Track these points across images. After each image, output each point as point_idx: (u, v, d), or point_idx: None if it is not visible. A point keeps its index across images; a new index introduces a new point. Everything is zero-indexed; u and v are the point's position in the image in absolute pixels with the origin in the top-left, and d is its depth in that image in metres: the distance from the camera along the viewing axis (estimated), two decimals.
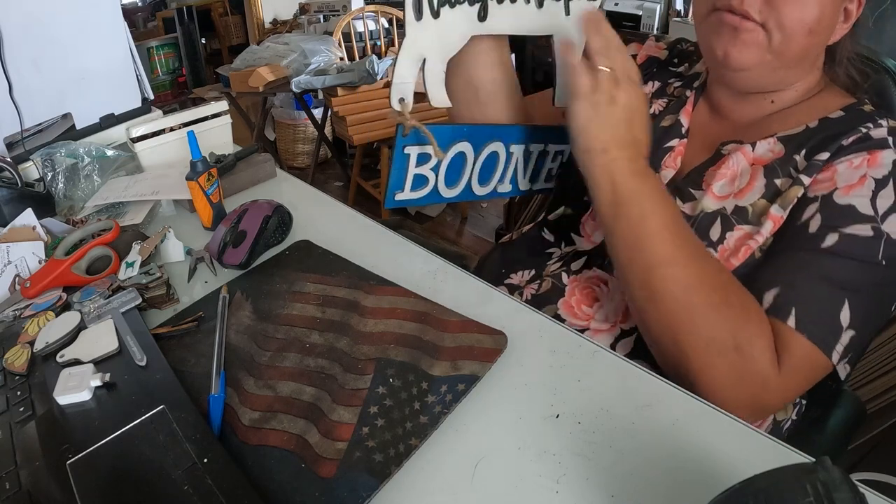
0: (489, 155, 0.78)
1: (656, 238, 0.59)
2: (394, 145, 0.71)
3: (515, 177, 0.82)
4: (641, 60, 0.84)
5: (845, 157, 0.60)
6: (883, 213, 0.57)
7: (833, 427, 0.75)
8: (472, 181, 0.79)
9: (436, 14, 0.66)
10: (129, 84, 1.07)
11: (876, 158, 0.59)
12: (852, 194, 0.59)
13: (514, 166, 0.80)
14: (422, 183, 0.76)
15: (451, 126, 0.73)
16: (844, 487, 0.28)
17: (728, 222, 0.64)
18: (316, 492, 0.42)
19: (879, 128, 0.61)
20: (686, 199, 0.68)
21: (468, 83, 0.78)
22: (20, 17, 0.92)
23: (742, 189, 0.65)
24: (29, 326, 0.60)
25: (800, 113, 0.67)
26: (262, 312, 0.60)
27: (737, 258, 0.62)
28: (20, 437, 0.49)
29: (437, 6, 0.66)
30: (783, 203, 0.62)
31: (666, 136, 0.74)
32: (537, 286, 0.75)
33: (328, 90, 2.52)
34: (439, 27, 0.67)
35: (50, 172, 0.86)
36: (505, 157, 0.79)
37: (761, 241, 0.62)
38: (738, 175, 0.66)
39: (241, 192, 0.89)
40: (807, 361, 0.57)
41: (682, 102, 0.76)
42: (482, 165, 0.78)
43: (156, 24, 4.35)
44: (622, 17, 2.40)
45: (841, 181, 0.60)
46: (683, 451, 0.44)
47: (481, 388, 0.50)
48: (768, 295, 0.59)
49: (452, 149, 0.75)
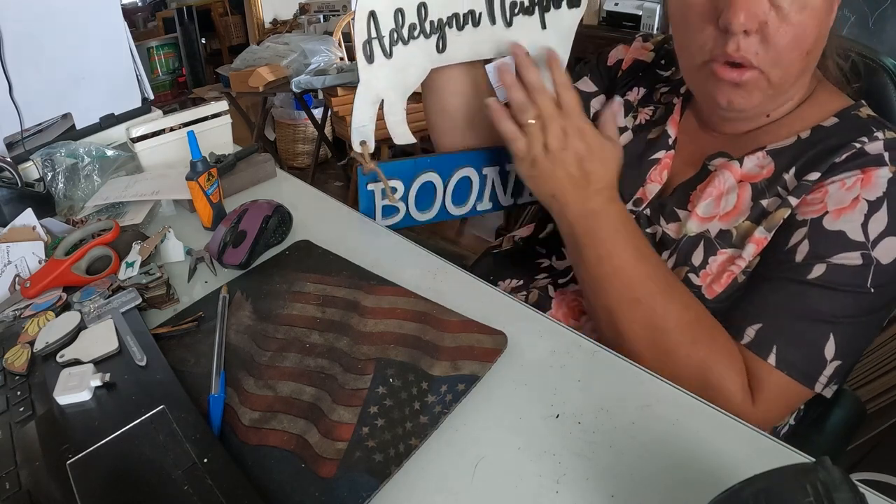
0: (461, 179, 0.78)
1: (614, 279, 0.60)
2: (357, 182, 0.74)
3: (495, 194, 0.81)
4: (627, 65, 0.81)
5: (837, 177, 0.57)
6: (874, 238, 0.55)
7: (833, 427, 0.75)
8: (447, 204, 0.79)
9: (388, 55, 0.66)
10: (129, 84, 1.07)
11: (870, 178, 0.56)
12: (843, 219, 0.56)
13: (491, 186, 0.80)
14: (392, 211, 0.77)
15: (412, 160, 0.73)
16: (844, 487, 0.28)
17: (711, 247, 0.63)
18: (316, 492, 0.42)
19: (875, 141, 0.58)
20: (670, 220, 0.67)
21: (443, 112, 0.78)
22: (20, 17, 0.92)
23: (728, 212, 0.63)
24: (29, 326, 0.60)
25: (792, 122, 0.64)
26: (262, 312, 0.60)
27: (719, 284, 0.61)
28: (20, 437, 0.49)
29: (390, 46, 0.66)
30: (768, 225, 0.60)
31: (652, 148, 0.72)
32: (524, 297, 0.74)
33: (328, 90, 2.52)
34: (394, 67, 0.67)
35: (50, 172, 0.86)
36: (478, 179, 0.79)
37: (744, 265, 0.60)
38: (724, 193, 0.63)
39: (241, 192, 0.89)
40: (784, 394, 0.56)
41: (669, 111, 0.73)
42: (454, 190, 0.78)
43: (156, 24, 4.35)
44: (622, 17, 2.39)
45: (832, 204, 0.57)
46: (683, 451, 0.44)
47: (481, 388, 0.50)
48: (750, 330, 0.57)
49: (418, 180, 0.75)
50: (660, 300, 0.58)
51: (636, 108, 0.77)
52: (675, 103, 0.73)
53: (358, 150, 0.70)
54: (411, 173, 0.74)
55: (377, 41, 0.65)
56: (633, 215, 0.70)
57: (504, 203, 0.81)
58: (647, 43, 0.82)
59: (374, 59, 0.66)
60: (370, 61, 0.66)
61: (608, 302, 0.61)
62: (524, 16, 0.69)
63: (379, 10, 0.64)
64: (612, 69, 0.83)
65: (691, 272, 0.63)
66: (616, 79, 0.82)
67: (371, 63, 0.66)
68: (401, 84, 0.69)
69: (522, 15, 0.69)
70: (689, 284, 0.63)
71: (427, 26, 0.66)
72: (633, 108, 0.78)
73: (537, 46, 0.69)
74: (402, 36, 0.66)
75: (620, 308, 0.60)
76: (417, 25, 0.66)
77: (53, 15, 0.96)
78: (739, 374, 0.56)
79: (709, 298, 0.62)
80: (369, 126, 0.70)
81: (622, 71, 0.81)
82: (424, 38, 0.67)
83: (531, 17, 0.69)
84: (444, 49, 0.68)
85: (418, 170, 0.74)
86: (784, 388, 0.56)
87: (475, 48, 0.69)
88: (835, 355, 0.56)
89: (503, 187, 0.80)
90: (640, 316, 0.59)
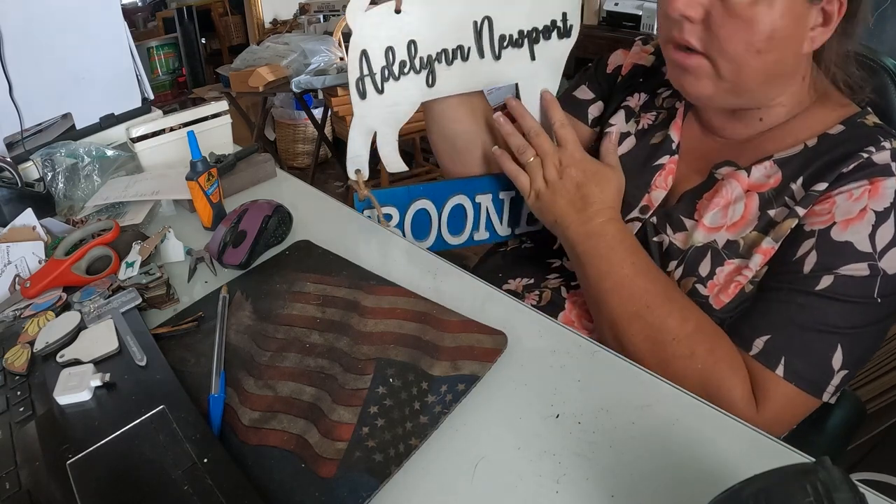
0: (454, 207, 0.80)
1: (614, 294, 0.63)
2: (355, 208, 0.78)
3: (491, 224, 0.82)
4: (627, 70, 0.81)
5: (845, 188, 0.57)
6: (882, 248, 0.55)
7: (833, 427, 0.75)
8: (443, 232, 0.81)
9: (380, 90, 0.69)
10: (129, 84, 1.07)
11: (878, 188, 0.56)
12: (850, 230, 0.56)
13: (486, 215, 0.81)
14: None
15: (405, 188, 0.76)
16: (844, 487, 0.28)
17: (718, 257, 0.63)
18: (316, 492, 0.42)
19: (882, 151, 0.57)
20: (677, 229, 0.67)
21: (443, 138, 0.80)
22: (20, 17, 0.91)
23: (735, 222, 0.63)
24: (29, 326, 0.60)
25: (796, 129, 0.64)
26: (262, 312, 0.60)
27: (727, 294, 0.62)
28: (20, 437, 0.49)
29: (381, 83, 0.69)
30: (776, 236, 0.60)
31: (656, 154, 0.72)
32: (538, 297, 0.74)
33: (328, 90, 2.52)
34: (386, 102, 0.70)
35: (50, 172, 0.86)
36: (472, 207, 0.80)
37: (751, 275, 0.61)
38: (731, 203, 0.64)
39: (241, 192, 0.89)
40: (791, 405, 0.57)
41: (672, 115, 0.73)
42: (449, 218, 0.80)
43: (156, 24, 4.35)
44: (622, 18, 2.39)
45: (839, 215, 0.57)
46: (683, 451, 0.44)
47: (481, 388, 0.50)
48: (758, 341, 0.58)
49: (412, 207, 0.78)
50: (658, 313, 0.60)
51: (638, 114, 0.77)
52: (678, 108, 0.73)
53: (353, 178, 0.74)
54: (405, 200, 0.77)
55: (369, 78, 0.68)
56: (640, 223, 0.70)
57: (501, 233, 0.83)
58: (647, 46, 0.82)
59: (367, 95, 0.69)
60: (363, 97, 0.69)
61: (611, 316, 0.63)
62: (513, 48, 0.71)
63: (370, 49, 0.67)
64: (612, 76, 0.83)
65: (698, 283, 0.63)
66: (616, 85, 0.82)
67: (364, 99, 0.69)
68: (393, 118, 0.72)
69: (511, 48, 0.71)
70: (697, 295, 0.63)
71: (417, 62, 0.69)
72: (634, 114, 0.78)
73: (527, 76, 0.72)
74: (393, 72, 0.69)
75: (621, 322, 0.62)
76: (408, 62, 0.69)
77: (53, 15, 0.96)
78: (742, 382, 0.57)
79: (716, 309, 0.62)
80: (364, 156, 0.74)
81: (622, 77, 0.81)
82: (415, 74, 0.70)
83: (520, 49, 0.71)
84: (434, 83, 0.71)
85: (412, 197, 0.77)
86: (792, 398, 0.57)
87: (465, 81, 0.72)
88: (842, 365, 0.56)
89: (499, 217, 0.82)
90: (640, 329, 0.61)
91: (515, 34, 0.69)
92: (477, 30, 0.68)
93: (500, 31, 0.69)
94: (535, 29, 0.69)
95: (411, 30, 0.67)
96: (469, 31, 0.68)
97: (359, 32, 0.66)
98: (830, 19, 0.58)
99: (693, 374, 0.58)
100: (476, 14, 0.68)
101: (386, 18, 0.66)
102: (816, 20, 0.58)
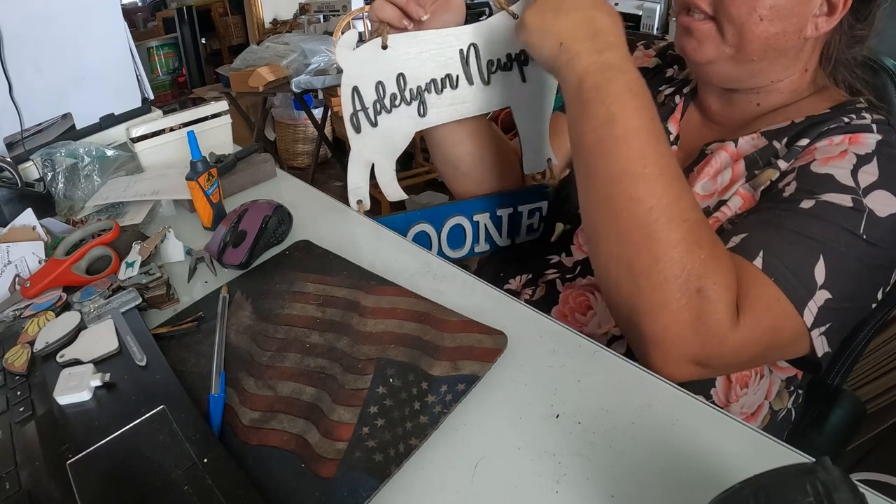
0: (453, 227, 0.81)
1: (621, 143, 0.52)
2: None
3: (490, 237, 0.84)
4: None
5: (826, 138, 0.59)
6: (865, 186, 0.53)
7: (833, 427, 0.75)
8: (443, 248, 0.82)
9: (374, 124, 0.71)
10: (129, 84, 1.07)
11: (858, 138, 0.58)
12: (830, 165, 0.56)
13: (485, 230, 0.83)
14: None
15: (404, 214, 0.78)
16: (844, 487, 0.28)
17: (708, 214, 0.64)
18: (316, 492, 0.42)
19: (863, 119, 0.60)
20: None
21: (446, 161, 0.81)
22: (20, 17, 0.91)
23: (726, 187, 0.65)
24: (29, 326, 0.60)
25: (788, 113, 0.66)
26: (262, 312, 0.60)
27: None
28: (20, 437, 0.49)
29: (375, 116, 0.71)
30: (755, 184, 0.62)
31: None
32: (532, 291, 0.75)
33: (328, 90, 2.52)
34: (381, 133, 0.72)
35: (50, 172, 0.86)
36: (471, 225, 0.82)
37: (730, 214, 0.62)
38: (720, 171, 0.65)
39: (241, 192, 0.89)
40: (770, 310, 0.51)
41: (671, 110, 0.75)
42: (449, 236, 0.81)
43: (156, 24, 4.34)
44: (622, 17, 2.40)
45: (820, 154, 0.58)
46: (683, 451, 0.44)
47: (481, 388, 0.50)
48: (735, 238, 0.55)
49: (411, 231, 0.79)
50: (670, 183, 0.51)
51: None
52: (678, 102, 0.75)
53: (355, 208, 0.76)
54: (405, 226, 0.79)
55: (362, 112, 0.70)
56: None
57: (501, 244, 0.84)
58: (649, 50, 0.83)
59: (362, 129, 0.71)
60: (358, 132, 0.71)
61: (612, 168, 0.53)
62: (503, 72, 0.72)
63: (361, 85, 0.68)
64: None
65: None
66: None
67: (359, 133, 0.71)
68: (388, 149, 0.74)
69: (501, 71, 0.72)
70: None
71: (407, 94, 0.70)
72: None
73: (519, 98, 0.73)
74: (385, 106, 0.70)
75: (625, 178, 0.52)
76: (398, 95, 0.70)
77: (53, 15, 0.96)
78: (732, 288, 0.51)
79: None
80: (363, 187, 0.76)
81: None
82: (406, 105, 0.71)
83: (510, 72, 0.72)
84: (426, 113, 0.72)
85: (411, 222, 0.79)
86: (770, 300, 0.51)
87: (457, 108, 0.73)
88: (825, 282, 0.51)
89: (498, 231, 0.83)
90: (645, 192, 0.51)
91: (504, 58, 0.71)
92: (463, 58, 0.70)
93: (488, 56, 0.71)
94: (523, 51, 0.71)
95: (399, 64, 0.69)
96: (456, 60, 0.70)
97: (349, 70, 0.68)
98: (835, 10, 0.59)
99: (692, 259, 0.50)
100: (462, 43, 0.69)
101: (374, 54, 0.67)
102: (822, 8, 0.60)
